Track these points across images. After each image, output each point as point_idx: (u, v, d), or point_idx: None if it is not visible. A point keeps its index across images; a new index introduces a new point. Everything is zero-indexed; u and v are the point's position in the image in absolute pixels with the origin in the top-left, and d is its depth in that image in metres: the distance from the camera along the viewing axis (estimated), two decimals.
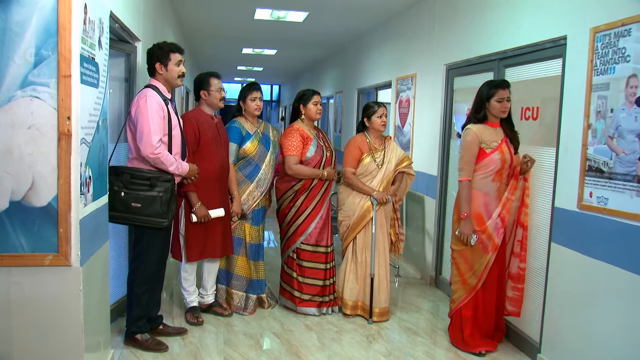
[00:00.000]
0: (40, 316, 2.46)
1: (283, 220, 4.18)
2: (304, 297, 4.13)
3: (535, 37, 3.52)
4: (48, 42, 2.34)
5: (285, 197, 4.13)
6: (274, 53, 10.73)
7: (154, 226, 3.24)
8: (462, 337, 3.58)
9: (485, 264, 3.46)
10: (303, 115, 4.20)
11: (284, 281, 4.24)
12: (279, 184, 4.17)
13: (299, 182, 4.09)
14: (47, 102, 2.35)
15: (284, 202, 4.15)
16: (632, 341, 2.66)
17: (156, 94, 3.26)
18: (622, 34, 2.74)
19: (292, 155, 4.05)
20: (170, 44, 3.42)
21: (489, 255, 3.45)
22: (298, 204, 4.10)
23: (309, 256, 4.14)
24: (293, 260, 4.15)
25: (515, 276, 3.57)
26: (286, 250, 4.19)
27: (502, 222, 3.46)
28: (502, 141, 3.47)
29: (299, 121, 4.22)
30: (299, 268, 4.14)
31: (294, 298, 4.15)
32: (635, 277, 2.62)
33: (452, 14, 4.83)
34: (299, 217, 4.10)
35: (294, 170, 4.05)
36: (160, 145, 3.19)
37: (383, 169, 4.10)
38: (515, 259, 3.56)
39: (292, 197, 4.11)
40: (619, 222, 2.74)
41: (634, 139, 2.65)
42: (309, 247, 4.13)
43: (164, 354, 3.38)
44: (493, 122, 3.51)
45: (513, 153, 3.49)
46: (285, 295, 4.22)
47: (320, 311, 4.15)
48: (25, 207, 2.38)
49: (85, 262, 2.53)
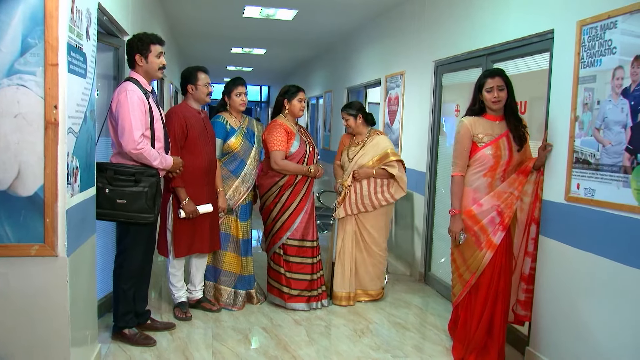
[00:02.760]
0: (26, 307, 2.43)
1: (268, 216, 4.17)
2: (292, 292, 4.13)
3: (523, 31, 3.54)
4: (35, 30, 2.32)
5: (269, 194, 4.12)
6: (264, 53, 10.72)
7: (140, 222, 3.22)
8: (455, 330, 3.52)
9: (480, 261, 3.22)
10: (287, 110, 4.20)
11: (272, 278, 4.22)
12: (263, 181, 4.16)
13: (283, 178, 4.08)
14: (34, 91, 2.33)
15: (268, 199, 4.13)
16: (619, 331, 2.68)
17: (137, 88, 3.21)
18: (608, 27, 2.76)
19: (279, 151, 4.03)
20: (151, 35, 3.35)
21: (483, 253, 3.21)
22: (283, 200, 4.09)
23: (296, 251, 4.14)
24: (280, 256, 4.14)
25: (527, 277, 3.30)
26: (272, 246, 4.18)
27: (501, 218, 3.20)
28: (500, 136, 3.24)
29: (282, 116, 4.20)
30: (286, 264, 4.13)
31: (282, 294, 4.14)
32: (621, 266, 2.64)
33: (440, 10, 4.86)
34: (284, 213, 4.10)
35: (280, 166, 4.03)
36: (142, 140, 3.15)
37: (352, 163, 4.30)
38: (528, 258, 3.29)
39: (277, 193, 4.10)
40: (605, 212, 2.76)
41: (620, 130, 2.67)
42: (295, 242, 4.13)
43: (152, 348, 3.36)
44: (492, 115, 3.29)
45: (515, 150, 3.24)
46: (274, 292, 4.20)
47: (310, 306, 4.16)
48: (11, 196, 2.36)
49: (72, 253, 2.50)
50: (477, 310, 3.26)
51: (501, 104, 3.22)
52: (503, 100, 3.22)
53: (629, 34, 2.64)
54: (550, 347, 3.18)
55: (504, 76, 3.24)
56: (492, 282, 3.22)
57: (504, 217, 3.19)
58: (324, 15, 6.90)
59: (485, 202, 3.25)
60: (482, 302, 3.24)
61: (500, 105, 3.23)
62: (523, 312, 3.35)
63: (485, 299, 3.24)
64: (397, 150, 5.80)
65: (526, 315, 3.35)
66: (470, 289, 3.32)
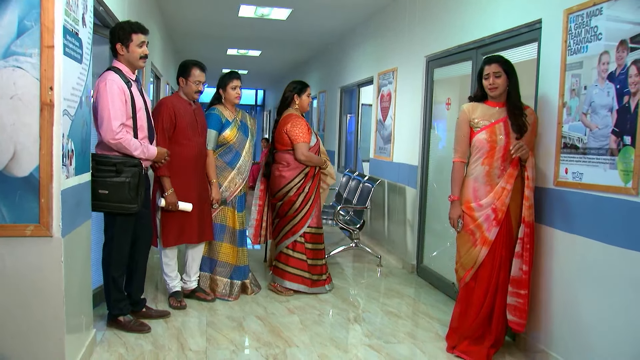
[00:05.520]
0: (22, 287, 2.45)
1: (290, 207, 4.27)
2: (313, 277, 4.34)
3: (511, 22, 3.60)
4: (31, 13, 2.35)
5: (292, 185, 4.25)
6: (259, 54, 10.78)
7: (123, 212, 3.22)
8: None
9: (474, 259, 3.19)
10: (297, 105, 4.34)
11: (293, 266, 4.31)
12: (285, 172, 4.26)
13: (306, 168, 4.26)
14: (30, 73, 2.37)
15: (291, 190, 4.25)
16: (610, 313, 2.72)
17: (117, 77, 3.19)
18: (594, 13, 2.83)
19: (305, 142, 4.21)
20: (133, 24, 3.31)
21: (478, 249, 3.18)
22: (306, 189, 4.27)
23: (315, 238, 4.36)
24: (302, 244, 4.30)
25: (516, 280, 3.14)
26: (290, 236, 4.28)
27: (495, 214, 3.13)
28: (498, 121, 3.15)
29: (294, 110, 4.34)
30: (307, 251, 4.31)
31: (305, 280, 4.31)
32: (610, 247, 2.69)
33: (432, 6, 4.92)
34: (308, 202, 4.27)
35: (307, 157, 4.22)
36: (121, 130, 3.13)
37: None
38: (517, 260, 3.14)
39: (301, 183, 4.25)
40: (593, 195, 2.81)
41: (607, 113, 2.73)
42: (313, 230, 4.34)
43: (147, 335, 3.38)
44: (493, 101, 3.22)
45: (513, 137, 3.12)
46: (296, 279, 4.30)
47: (325, 288, 4.42)
48: (7, 177, 2.39)
49: (66, 234, 2.53)
50: (477, 302, 3.23)
51: (498, 90, 3.16)
52: (500, 87, 3.15)
53: (614, 20, 2.70)
54: (544, 334, 3.22)
55: (503, 62, 3.16)
56: (492, 275, 3.19)
57: (497, 213, 3.14)
58: (318, 15, 6.97)
59: (485, 202, 3.18)
60: (481, 295, 3.22)
61: (497, 92, 3.17)
62: (512, 318, 3.18)
63: (485, 292, 3.21)
64: (390, 145, 5.86)
65: (517, 322, 3.16)
66: (469, 282, 3.27)
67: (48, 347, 2.51)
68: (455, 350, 3.28)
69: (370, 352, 3.30)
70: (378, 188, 5.98)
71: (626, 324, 2.60)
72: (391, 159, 5.82)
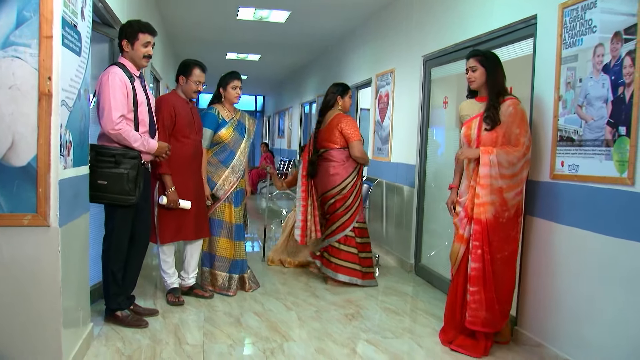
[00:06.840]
0: (19, 277, 2.46)
1: (343, 203, 4.43)
2: (364, 270, 4.50)
3: (507, 19, 3.63)
4: (30, 3, 2.37)
5: (347, 182, 4.43)
6: (258, 59, 10.83)
7: (122, 204, 3.24)
8: None
9: (456, 254, 3.26)
10: (340, 106, 4.58)
11: (345, 260, 4.47)
12: (340, 170, 4.44)
13: (357, 165, 4.47)
14: (29, 63, 2.38)
15: (346, 187, 4.43)
16: (610, 304, 2.72)
17: (120, 71, 3.24)
18: (588, 7, 2.85)
19: (359, 140, 4.44)
20: (142, 24, 3.37)
21: (458, 246, 3.24)
22: (358, 185, 4.48)
23: (363, 232, 4.57)
24: (352, 238, 4.48)
25: (469, 277, 3.16)
26: (340, 232, 4.46)
27: (465, 211, 3.18)
28: (476, 116, 3.21)
29: (339, 110, 4.57)
30: (358, 245, 4.49)
31: (356, 272, 4.47)
32: (606, 238, 2.70)
33: (429, 6, 4.95)
34: (358, 198, 4.47)
35: (363, 154, 4.47)
36: (121, 121, 3.17)
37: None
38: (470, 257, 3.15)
39: (354, 180, 4.44)
40: (589, 186, 2.82)
41: (602, 105, 2.75)
42: (361, 225, 4.56)
43: (144, 329, 3.38)
44: (480, 96, 3.29)
45: (483, 129, 3.13)
46: (348, 272, 4.46)
47: (375, 281, 4.61)
48: (5, 166, 2.39)
49: (64, 224, 2.54)
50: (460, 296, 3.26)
51: (475, 84, 3.22)
52: (477, 80, 3.20)
53: (608, 12, 2.73)
54: (539, 326, 3.22)
55: (480, 56, 3.20)
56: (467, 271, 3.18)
57: (467, 210, 3.18)
58: (316, 18, 7.01)
59: (462, 200, 3.25)
60: (462, 289, 3.25)
61: (475, 85, 3.23)
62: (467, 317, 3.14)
63: (463, 286, 3.23)
64: (388, 146, 5.88)
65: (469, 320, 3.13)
66: (454, 275, 3.32)
67: (45, 338, 2.51)
68: (452, 344, 3.28)
69: (367, 346, 3.29)
70: (376, 188, 6.00)
71: (624, 314, 2.61)
72: (389, 159, 5.83)
